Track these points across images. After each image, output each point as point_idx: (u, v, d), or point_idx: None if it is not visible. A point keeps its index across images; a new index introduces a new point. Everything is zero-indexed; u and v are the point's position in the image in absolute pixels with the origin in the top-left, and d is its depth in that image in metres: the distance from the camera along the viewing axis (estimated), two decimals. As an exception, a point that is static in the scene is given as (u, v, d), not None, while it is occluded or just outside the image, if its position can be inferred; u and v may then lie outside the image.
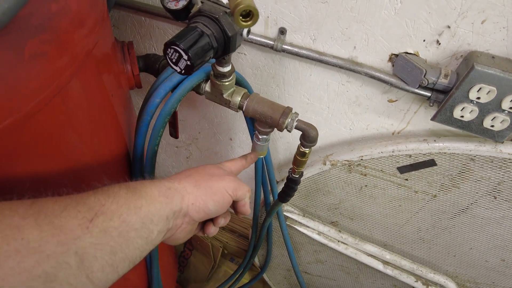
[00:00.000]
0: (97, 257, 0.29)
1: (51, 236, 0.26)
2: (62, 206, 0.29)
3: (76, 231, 0.28)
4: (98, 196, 0.32)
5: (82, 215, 0.29)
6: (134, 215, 0.33)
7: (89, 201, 0.31)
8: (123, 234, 0.31)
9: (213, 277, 1.35)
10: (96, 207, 0.30)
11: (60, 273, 0.26)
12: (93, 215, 0.30)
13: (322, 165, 0.74)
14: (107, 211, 0.31)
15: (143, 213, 0.33)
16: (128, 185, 0.35)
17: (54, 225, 0.27)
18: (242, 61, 0.69)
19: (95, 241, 0.29)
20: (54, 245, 0.26)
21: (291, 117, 0.50)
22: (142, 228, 0.33)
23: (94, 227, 0.29)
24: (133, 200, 0.33)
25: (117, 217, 0.31)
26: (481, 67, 0.48)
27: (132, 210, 0.33)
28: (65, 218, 0.28)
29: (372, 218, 0.83)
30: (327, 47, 0.60)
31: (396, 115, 0.65)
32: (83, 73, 0.40)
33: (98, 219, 0.30)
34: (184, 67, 0.38)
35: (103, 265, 0.29)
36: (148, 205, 0.34)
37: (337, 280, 1.10)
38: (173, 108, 0.50)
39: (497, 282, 0.84)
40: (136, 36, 0.78)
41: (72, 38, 0.37)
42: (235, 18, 0.33)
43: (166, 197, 0.37)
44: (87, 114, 0.44)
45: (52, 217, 0.27)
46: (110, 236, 0.30)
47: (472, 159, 0.62)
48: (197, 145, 0.98)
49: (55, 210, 0.28)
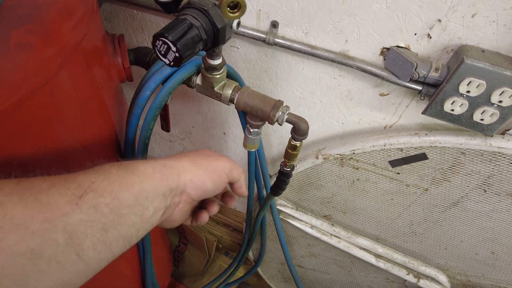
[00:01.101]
0: (87, 234, 0.28)
1: (37, 213, 0.26)
2: (50, 184, 0.28)
3: (64, 208, 0.27)
4: (88, 175, 0.31)
5: (71, 192, 0.28)
6: (127, 192, 0.32)
7: (79, 179, 0.30)
8: (114, 210, 0.30)
9: (208, 271, 1.35)
10: (86, 184, 0.29)
11: (46, 250, 0.26)
12: (83, 192, 0.29)
13: (315, 159, 0.75)
14: (97, 188, 0.30)
15: (136, 190, 0.32)
16: (119, 163, 0.34)
17: (41, 201, 0.26)
18: (234, 55, 0.69)
19: (85, 218, 0.28)
20: (39, 221, 0.26)
21: (281, 110, 0.50)
22: (135, 205, 0.32)
23: (83, 203, 0.28)
24: (125, 178, 0.32)
25: (108, 193, 0.30)
26: (471, 61, 0.48)
27: (124, 187, 0.32)
28: (53, 195, 0.27)
29: (365, 212, 0.84)
30: (319, 41, 0.60)
31: (388, 109, 0.65)
32: (71, 65, 0.40)
33: (88, 196, 0.29)
34: (173, 59, 0.38)
35: (94, 242, 0.28)
36: (141, 181, 0.33)
37: (330, 273, 1.10)
38: (164, 101, 0.50)
39: (487, 274, 0.85)
40: (129, 29, 0.77)
41: (60, 29, 0.36)
42: (222, 9, 0.33)
43: (161, 174, 0.35)
44: (76, 106, 0.44)
45: (39, 194, 0.27)
46: (101, 213, 0.29)
47: (462, 152, 0.63)
48: (190, 140, 0.98)
49: (42, 188, 0.27)
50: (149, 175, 0.34)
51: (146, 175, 0.34)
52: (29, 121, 0.36)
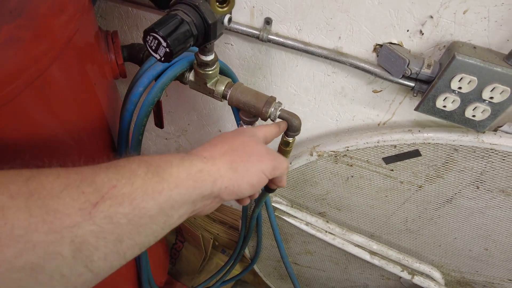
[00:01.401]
0: (98, 246, 0.25)
1: (42, 223, 0.23)
2: (63, 184, 0.25)
3: (75, 217, 0.24)
4: (110, 174, 0.27)
5: (85, 198, 0.25)
6: (151, 201, 0.28)
7: (98, 180, 0.26)
8: (133, 221, 0.27)
9: (205, 269, 1.36)
10: (105, 188, 0.26)
11: (49, 264, 0.23)
12: (99, 199, 0.25)
13: (309, 156, 0.75)
14: (117, 195, 0.26)
15: (162, 198, 0.29)
16: (150, 162, 0.30)
17: (48, 208, 0.23)
18: (229, 52, 0.69)
19: (97, 229, 0.25)
20: (44, 233, 0.23)
21: (274, 106, 0.50)
22: (158, 215, 0.29)
23: (97, 212, 0.25)
24: (152, 183, 0.28)
25: (129, 202, 0.27)
26: (462, 57, 0.48)
27: (150, 194, 0.28)
28: (64, 200, 0.24)
29: (359, 209, 0.84)
30: (312, 38, 0.60)
31: (382, 106, 0.65)
32: (63, 60, 0.40)
33: (104, 204, 0.25)
34: (164, 54, 0.38)
35: (106, 253, 0.26)
36: (170, 189, 0.29)
37: (326, 270, 1.11)
38: (157, 97, 0.50)
39: (481, 270, 0.85)
40: (124, 26, 0.77)
41: (51, 25, 0.37)
42: (211, 4, 0.33)
43: (195, 181, 0.32)
44: (69, 101, 0.44)
45: (48, 198, 0.24)
46: (117, 224, 0.26)
47: (455, 149, 0.63)
48: (186, 137, 0.98)
49: (53, 189, 0.24)
50: (181, 182, 0.31)
51: (177, 182, 0.30)
52: (20, 116, 0.37)
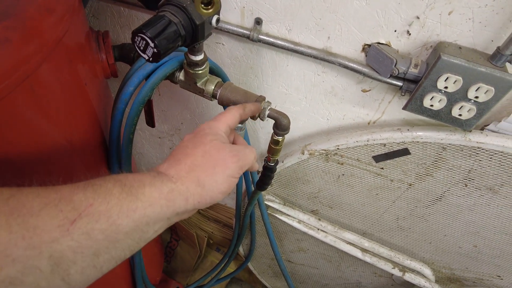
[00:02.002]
0: (76, 260, 0.27)
1: (21, 239, 0.24)
2: (42, 203, 0.26)
3: (53, 233, 0.25)
4: (87, 194, 0.29)
5: (63, 215, 0.26)
6: (126, 218, 0.29)
7: (76, 199, 0.28)
8: (110, 236, 0.28)
9: (200, 267, 1.37)
10: (82, 206, 0.28)
11: (28, 278, 0.24)
12: (76, 216, 0.27)
13: (301, 154, 0.76)
14: (94, 212, 0.28)
15: (137, 216, 0.30)
16: (123, 182, 0.32)
17: (28, 225, 0.25)
18: (220, 51, 0.69)
19: (75, 245, 0.26)
20: (23, 248, 0.24)
21: (263, 106, 0.51)
22: (134, 231, 0.30)
23: (75, 229, 0.26)
24: (126, 202, 0.30)
25: (105, 219, 0.28)
26: (447, 57, 0.49)
27: (125, 212, 0.30)
28: (43, 217, 0.26)
29: (351, 207, 0.85)
30: (302, 38, 0.60)
31: (371, 105, 0.66)
32: (53, 61, 0.40)
33: (82, 221, 0.27)
34: (152, 54, 0.38)
35: (83, 267, 0.27)
36: (144, 208, 0.31)
37: (319, 268, 1.12)
38: (147, 96, 0.51)
39: (470, 267, 0.87)
40: (116, 26, 0.78)
41: (39, 26, 0.37)
42: (196, 5, 0.34)
43: (167, 200, 0.33)
44: (59, 101, 0.44)
45: (27, 216, 0.25)
46: (94, 240, 0.27)
47: (444, 148, 0.64)
48: (180, 136, 0.98)
49: (33, 207, 0.26)
50: (154, 201, 0.32)
51: (151, 201, 0.32)
52: (10, 117, 0.37)
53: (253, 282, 1.45)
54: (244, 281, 1.49)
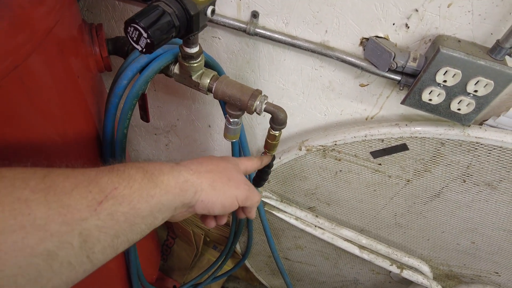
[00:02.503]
0: (100, 239, 0.29)
1: (58, 215, 0.26)
2: (73, 184, 0.28)
3: (84, 212, 0.28)
4: (112, 178, 0.31)
5: (92, 196, 0.29)
6: (145, 203, 0.32)
7: (102, 182, 0.30)
8: (129, 219, 0.31)
9: (197, 265, 1.36)
10: (108, 189, 0.30)
11: (61, 252, 0.26)
12: (103, 198, 0.29)
13: (298, 150, 0.75)
14: (118, 195, 0.30)
15: (154, 202, 0.33)
16: (145, 169, 0.34)
17: (63, 203, 0.27)
18: (216, 45, 0.68)
19: (101, 224, 0.29)
20: (59, 224, 0.26)
21: (259, 100, 0.50)
22: (149, 216, 0.33)
23: (102, 210, 0.29)
24: (147, 188, 0.33)
25: (127, 202, 0.31)
26: (447, 50, 0.48)
27: (144, 198, 0.32)
28: (75, 197, 0.28)
29: (348, 203, 0.85)
30: (299, 31, 0.60)
31: (369, 100, 0.65)
32: (43, 52, 0.39)
33: (108, 202, 0.29)
34: (145, 45, 0.37)
35: (104, 247, 0.29)
36: (161, 195, 0.34)
37: (317, 265, 1.11)
38: (141, 90, 0.50)
39: (468, 264, 0.86)
40: (111, 20, 0.76)
41: (28, 15, 0.36)
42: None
43: (181, 189, 0.36)
44: (50, 94, 0.43)
45: (62, 194, 0.27)
46: (116, 221, 0.30)
47: (442, 143, 0.63)
48: (176, 132, 0.97)
49: (66, 187, 0.28)
50: (170, 189, 0.35)
51: (167, 189, 0.35)
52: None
53: (250, 280, 1.45)
54: (241, 279, 1.48)
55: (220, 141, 0.93)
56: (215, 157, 0.45)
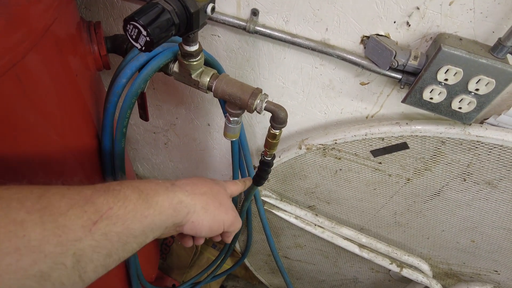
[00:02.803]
0: (93, 259, 0.29)
1: (53, 236, 0.26)
2: (69, 204, 0.29)
3: (78, 233, 0.28)
4: (108, 198, 0.31)
5: (87, 216, 0.29)
6: (138, 223, 0.33)
7: (98, 202, 0.30)
8: (122, 239, 0.31)
9: (196, 264, 1.36)
10: (103, 209, 0.30)
11: (54, 273, 0.26)
12: (98, 218, 0.29)
13: (298, 149, 0.75)
14: (113, 216, 0.31)
15: (147, 222, 0.34)
16: (141, 189, 0.35)
17: (58, 224, 0.27)
18: (216, 44, 0.68)
19: (95, 244, 0.29)
20: (53, 245, 0.26)
21: (260, 98, 0.49)
22: (141, 235, 0.33)
23: (96, 230, 0.29)
24: (141, 209, 0.33)
25: (121, 222, 0.31)
26: (448, 48, 0.48)
27: (138, 218, 0.33)
28: (70, 217, 0.28)
29: (348, 202, 0.84)
30: (299, 29, 0.59)
31: (369, 98, 0.65)
32: (41, 50, 0.39)
33: (102, 223, 0.30)
34: (144, 43, 0.37)
35: (97, 266, 0.30)
36: (154, 215, 0.34)
37: (316, 264, 1.11)
38: (140, 89, 0.49)
39: (468, 262, 0.86)
40: (109, 18, 0.76)
41: (26, 13, 0.36)
42: (190, -10, 0.32)
43: (174, 210, 0.37)
44: (48, 93, 0.43)
45: (57, 215, 0.27)
46: (110, 241, 0.30)
47: (443, 142, 0.63)
48: (175, 131, 0.97)
49: (61, 207, 0.28)
50: (163, 210, 0.36)
51: (161, 210, 0.35)
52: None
53: (250, 278, 1.45)
54: (241, 278, 1.48)
55: (219, 139, 0.92)
56: (208, 179, 0.47)
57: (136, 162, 1.19)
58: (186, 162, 1.07)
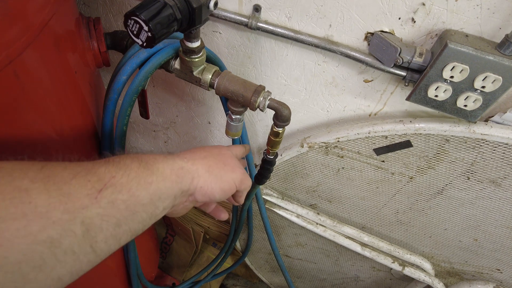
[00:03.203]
0: (102, 228, 0.29)
1: (59, 203, 0.26)
2: (71, 174, 0.29)
3: (84, 201, 0.28)
4: (109, 167, 0.31)
5: (91, 185, 0.29)
6: (143, 191, 0.33)
7: (100, 171, 0.30)
8: (130, 207, 0.31)
9: (196, 262, 1.35)
10: (106, 178, 0.30)
11: (65, 240, 0.26)
12: (102, 186, 0.29)
13: (300, 147, 0.74)
14: (116, 183, 0.31)
15: (152, 190, 0.33)
16: (140, 158, 0.35)
17: (63, 192, 0.27)
18: (217, 40, 0.67)
19: (102, 212, 0.29)
20: (61, 212, 0.26)
21: (263, 96, 0.49)
22: (149, 204, 0.33)
23: (102, 198, 0.29)
24: (144, 176, 0.33)
25: (126, 190, 0.31)
26: (454, 45, 0.47)
27: (142, 185, 0.33)
28: (74, 186, 0.28)
29: (350, 201, 0.84)
30: (302, 25, 0.58)
31: (373, 96, 0.64)
32: (39, 46, 0.38)
33: (107, 191, 0.29)
34: (145, 39, 0.36)
35: (107, 236, 0.29)
36: (158, 182, 0.34)
37: (317, 263, 1.11)
38: (141, 86, 0.48)
39: (470, 261, 0.86)
40: (108, 14, 0.75)
41: (23, 7, 0.35)
42: (193, -16, 0.31)
43: (177, 176, 0.37)
44: (47, 90, 0.42)
45: (61, 183, 0.27)
46: (117, 209, 0.30)
47: (447, 140, 0.62)
48: (175, 129, 0.96)
49: (64, 177, 0.28)
50: (166, 176, 0.35)
51: (163, 176, 0.35)
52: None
53: (250, 277, 1.44)
54: (241, 276, 1.48)
55: (220, 137, 0.92)
56: (207, 146, 0.46)
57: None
58: (186, 160, 1.06)
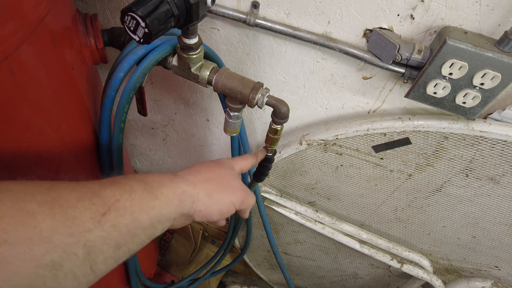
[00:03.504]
0: (103, 250, 0.30)
1: (63, 227, 0.27)
2: (77, 197, 0.29)
3: (88, 224, 0.29)
4: (114, 190, 0.32)
5: (95, 208, 0.30)
6: (145, 215, 0.33)
7: (105, 194, 0.31)
8: (131, 231, 0.32)
9: (195, 260, 1.35)
10: (111, 201, 0.31)
11: (66, 263, 0.27)
12: (107, 210, 0.30)
13: (299, 145, 0.74)
14: (120, 208, 0.31)
15: (154, 214, 0.34)
16: (145, 181, 0.36)
17: (68, 215, 0.28)
18: (215, 37, 0.67)
19: (105, 235, 0.30)
20: (64, 236, 0.27)
21: (261, 93, 0.48)
22: (149, 227, 0.34)
23: (106, 221, 0.30)
24: (147, 200, 0.34)
25: (129, 214, 0.32)
26: (453, 42, 0.47)
27: (145, 209, 0.33)
28: (79, 209, 0.29)
29: (349, 198, 0.84)
30: (301, 22, 0.58)
31: (372, 93, 0.64)
32: (35, 42, 0.37)
33: (111, 215, 0.30)
34: (143, 35, 0.36)
35: (106, 257, 0.30)
36: (161, 206, 0.35)
37: (316, 260, 1.11)
38: (138, 83, 0.48)
39: (468, 258, 0.86)
40: (106, 11, 0.74)
41: (19, 3, 0.34)
42: (190, -21, 0.31)
43: (179, 200, 0.37)
44: (43, 87, 0.42)
45: (67, 207, 0.28)
46: (119, 232, 0.31)
47: (445, 137, 0.62)
48: (173, 127, 0.95)
49: (70, 200, 0.29)
50: (169, 201, 0.36)
51: (166, 200, 0.36)
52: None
53: (249, 274, 1.44)
54: (240, 274, 1.48)
55: (218, 135, 0.91)
56: (211, 162, 0.46)
57: (134, 158, 1.17)
58: (185, 158, 1.06)
